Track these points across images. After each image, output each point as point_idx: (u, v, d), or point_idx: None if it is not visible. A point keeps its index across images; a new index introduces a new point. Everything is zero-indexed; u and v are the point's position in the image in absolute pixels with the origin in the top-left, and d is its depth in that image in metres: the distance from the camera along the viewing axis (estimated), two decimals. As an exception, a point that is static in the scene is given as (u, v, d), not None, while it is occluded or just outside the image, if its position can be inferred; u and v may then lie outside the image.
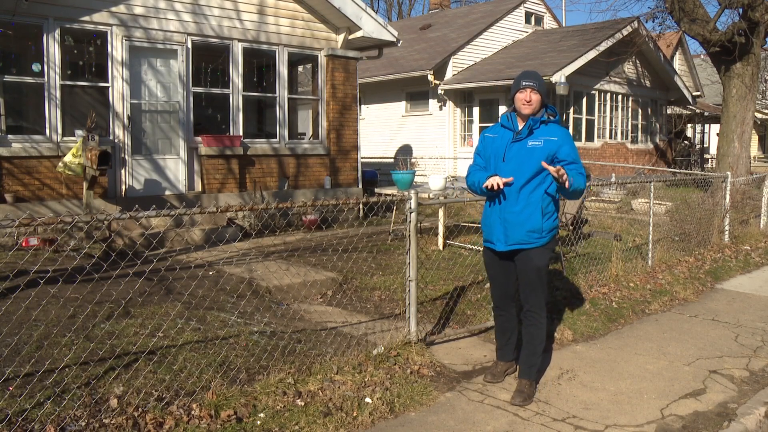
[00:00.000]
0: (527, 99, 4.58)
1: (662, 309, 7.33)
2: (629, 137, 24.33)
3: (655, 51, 23.52)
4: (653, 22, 18.89)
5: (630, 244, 9.87)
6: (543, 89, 4.62)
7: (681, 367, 5.42)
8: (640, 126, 24.90)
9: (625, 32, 21.44)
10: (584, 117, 22.08)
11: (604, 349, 5.91)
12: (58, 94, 9.76)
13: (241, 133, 11.56)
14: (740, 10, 16.33)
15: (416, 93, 22.95)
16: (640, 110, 24.80)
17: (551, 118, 4.68)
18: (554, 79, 19.03)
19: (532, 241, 4.61)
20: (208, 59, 11.94)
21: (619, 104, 23.69)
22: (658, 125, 25.98)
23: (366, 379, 4.74)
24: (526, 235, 4.58)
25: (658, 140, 25.92)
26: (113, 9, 10.12)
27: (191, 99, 11.09)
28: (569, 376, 5.18)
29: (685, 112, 28.12)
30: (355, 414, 4.27)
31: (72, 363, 4.50)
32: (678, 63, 30.26)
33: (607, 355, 5.74)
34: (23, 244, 8.63)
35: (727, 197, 10.89)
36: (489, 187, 4.51)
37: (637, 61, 23.91)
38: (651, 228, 8.87)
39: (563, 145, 4.56)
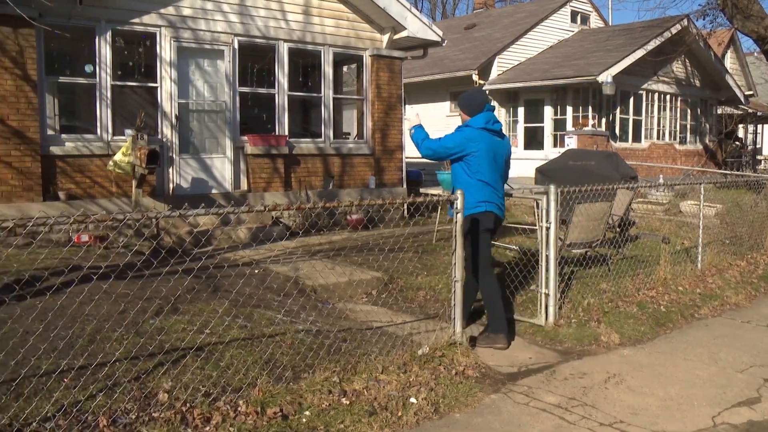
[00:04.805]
0: None
1: (713, 314, 7.17)
2: (677, 138, 23.85)
3: (705, 49, 23.00)
4: (704, 19, 18.52)
5: (678, 247, 9.68)
6: (463, 105, 5.97)
7: (733, 374, 5.29)
8: (688, 126, 24.39)
9: (674, 30, 21.02)
10: (631, 117, 21.72)
11: (652, 353, 5.81)
12: (108, 95, 9.97)
13: (286, 133, 11.66)
14: (796, 7, 15.88)
15: (461, 93, 22.84)
16: (689, 110, 24.29)
17: (465, 123, 5.91)
18: (600, 78, 18.77)
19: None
20: (254, 59, 12.07)
21: (667, 104, 23.24)
22: (707, 125, 25.42)
23: (411, 379, 4.74)
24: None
25: (707, 141, 25.35)
26: (162, 11, 10.30)
27: (237, 99, 11.22)
28: (616, 380, 5.10)
29: (736, 111, 27.44)
30: (399, 414, 4.27)
31: (123, 357, 4.59)
32: (729, 61, 29.55)
33: (655, 359, 5.64)
34: (75, 240, 8.84)
35: (782, 199, 10.61)
36: None
37: (687, 60, 23.42)
38: (701, 231, 8.69)
39: None
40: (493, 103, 21.99)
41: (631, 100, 21.67)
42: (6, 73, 8.94)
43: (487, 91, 21.78)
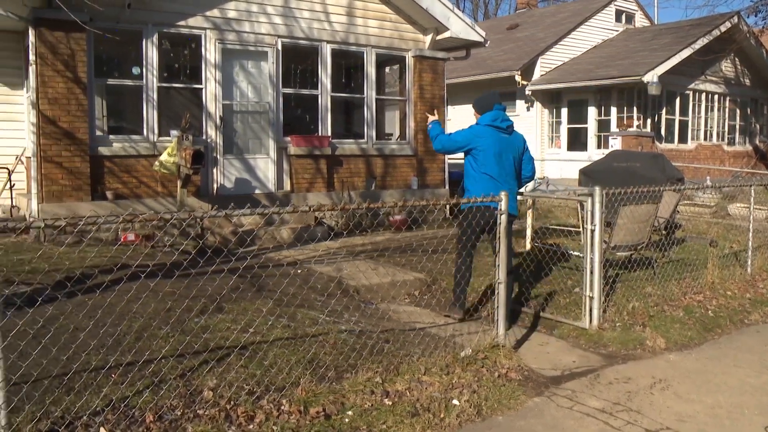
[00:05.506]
0: None
1: (763, 320, 6.99)
2: (726, 139, 23.33)
3: (756, 47, 22.46)
4: (756, 16, 18.06)
5: (727, 251, 9.47)
6: (475, 106, 6.54)
7: (785, 382, 5.15)
8: (737, 127, 23.84)
9: (723, 28, 20.58)
10: (677, 118, 21.33)
11: (699, 359, 5.69)
12: (155, 96, 10.14)
13: (329, 134, 11.72)
14: None
15: (503, 93, 22.36)
16: (738, 110, 23.74)
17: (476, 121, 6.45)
18: (646, 78, 18.47)
19: None
20: (298, 60, 12.15)
21: (715, 104, 22.75)
22: (758, 126, 24.81)
23: (453, 381, 4.73)
24: None
25: (758, 142, 24.75)
26: (207, 13, 10.44)
27: (281, 100, 11.31)
28: (662, 386, 5.01)
29: (790, 111, 26.73)
30: (442, 416, 4.26)
31: (169, 355, 4.67)
32: (782, 60, 28.75)
33: (703, 365, 5.52)
34: (122, 239, 9.02)
35: (836, 202, 10.30)
36: None
37: (736, 59, 22.89)
38: (750, 234, 8.49)
39: None
40: (536, 103, 21.82)
41: (678, 100, 21.27)
42: (58, 76, 9.16)
43: (530, 92, 21.63)
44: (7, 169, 11.01)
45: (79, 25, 8.19)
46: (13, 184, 11.04)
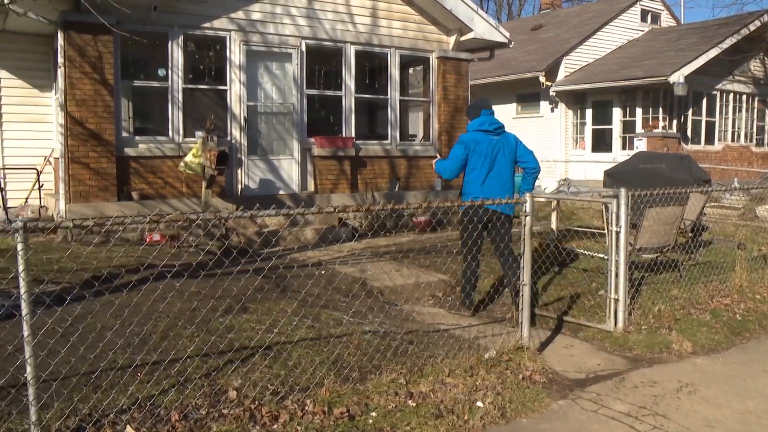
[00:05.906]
0: None
1: (793, 324, 6.88)
2: (754, 140, 23.02)
3: (786, 47, 22.14)
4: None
5: (755, 253, 9.33)
6: (467, 114, 6.89)
7: (816, 387, 5.07)
8: (766, 128, 23.51)
9: (752, 27, 20.29)
10: (704, 119, 21.09)
11: (727, 363, 5.62)
12: (180, 97, 10.22)
13: (353, 135, 11.74)
14: None
15: (527, 95, 22.58)
16: (767, 111, 23.41)
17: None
18: (672, 79, 18.28)
19: None
20: (322, 62, 12.19)
21: (744, 105, 22.46)
22: (787, 127, 24.47)
23: (477, 383, 4.71)
24: None
25: (787, 143, 24.41)
26: (232, 15, 10.51)
27: (305, 101, 11.35)
28: (689, 390, 4.95)
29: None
30: (466, 417, 4.25)
31: (194, 354, 4.70)
32: (812, 59, 28.32)
33: (731, 370, 5.45)
34: (148, 239, 9.11)
35: None
36: None
37: (765, 58, 22.57)
38: (780, 236, 8.36)
39: None
40: (560, 104, 21.69)
41: (704, 100, 21.04)
42: (86, 78, 9.28)
43: (554, 93, 21.50)
44: (35, 169, 11.18)
45: (107, 27, 8.31)
46: (42, 185, 11.20)
